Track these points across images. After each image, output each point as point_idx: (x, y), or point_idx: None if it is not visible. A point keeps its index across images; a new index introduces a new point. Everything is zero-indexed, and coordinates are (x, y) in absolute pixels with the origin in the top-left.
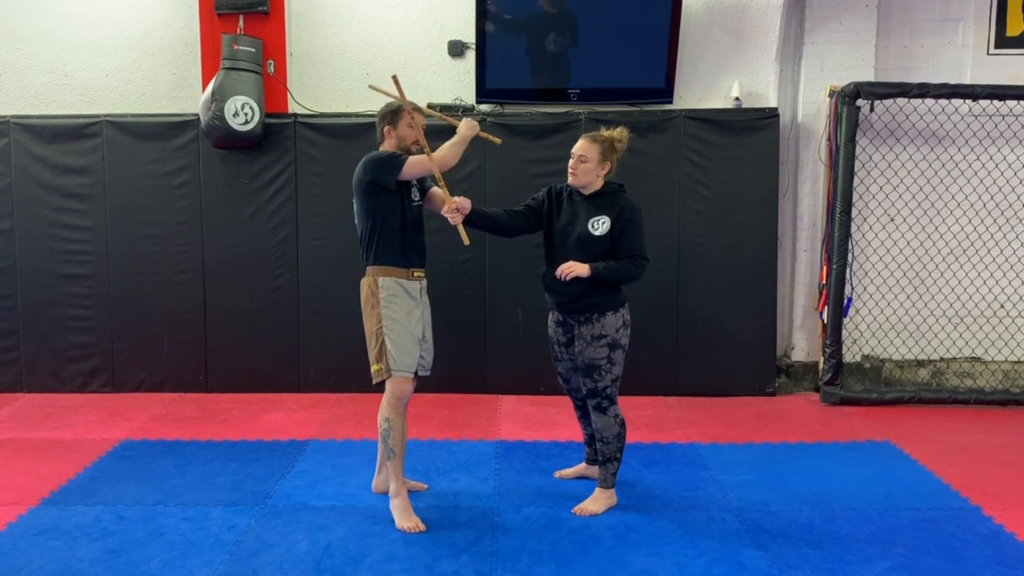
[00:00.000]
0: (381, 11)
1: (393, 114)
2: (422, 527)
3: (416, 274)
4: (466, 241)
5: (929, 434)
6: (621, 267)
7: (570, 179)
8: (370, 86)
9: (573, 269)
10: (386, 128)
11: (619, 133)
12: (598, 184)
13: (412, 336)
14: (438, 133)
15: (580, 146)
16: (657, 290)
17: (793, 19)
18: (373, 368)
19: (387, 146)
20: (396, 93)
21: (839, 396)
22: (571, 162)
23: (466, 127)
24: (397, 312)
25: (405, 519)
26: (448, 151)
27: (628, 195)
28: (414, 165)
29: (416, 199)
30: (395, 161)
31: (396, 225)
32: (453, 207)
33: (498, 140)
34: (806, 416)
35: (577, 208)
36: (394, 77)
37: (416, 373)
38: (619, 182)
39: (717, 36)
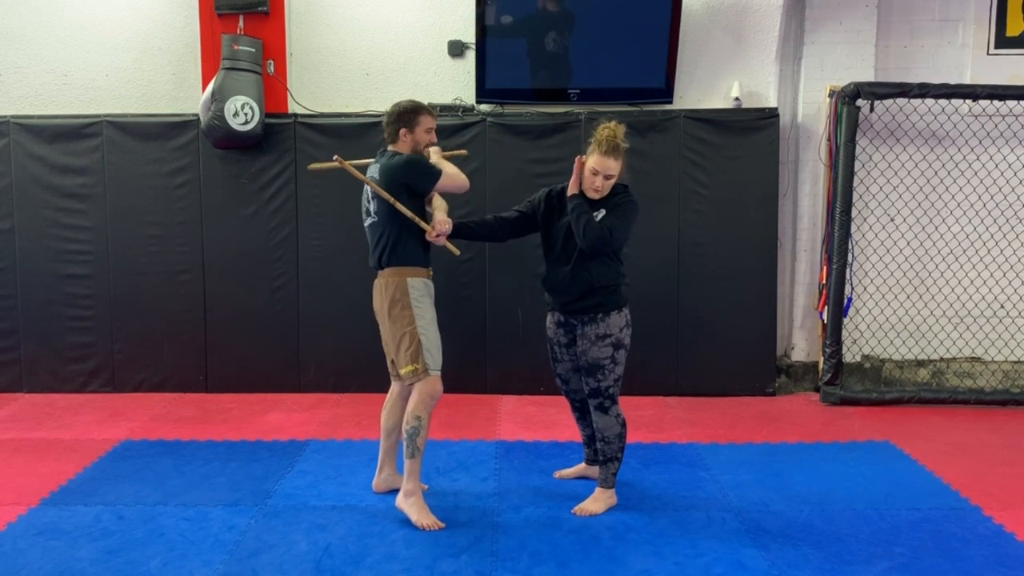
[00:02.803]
0: (381, 11)
1: (410, 115)
2: (441, 524)
3: (431, 274)
4: (456, 252)
5: (929, 434)
6: (590, 217)
7: (592, 195)
8: (310, 167)
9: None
10: (402, 130)
11: (619, 131)
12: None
13: (438, 335)
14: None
15: (606, 165)
16: (657, 290)
17: (793, 19)
18: (407, 369)
19: (401, 148)
20: (339, 168)
21: (839, 396)
22: (596, 181)
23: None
24: (428, 311)
25: (424, 516)
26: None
27: (631, 195)
28: (449, 179)
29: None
30: (434, 171)
31: (420, 227)
32: (434, 235)
33: (464, 152)
34: (806, 416)
35: None
36: (337, 158)
37: None
38: (624, 183)
39: (717, 36)
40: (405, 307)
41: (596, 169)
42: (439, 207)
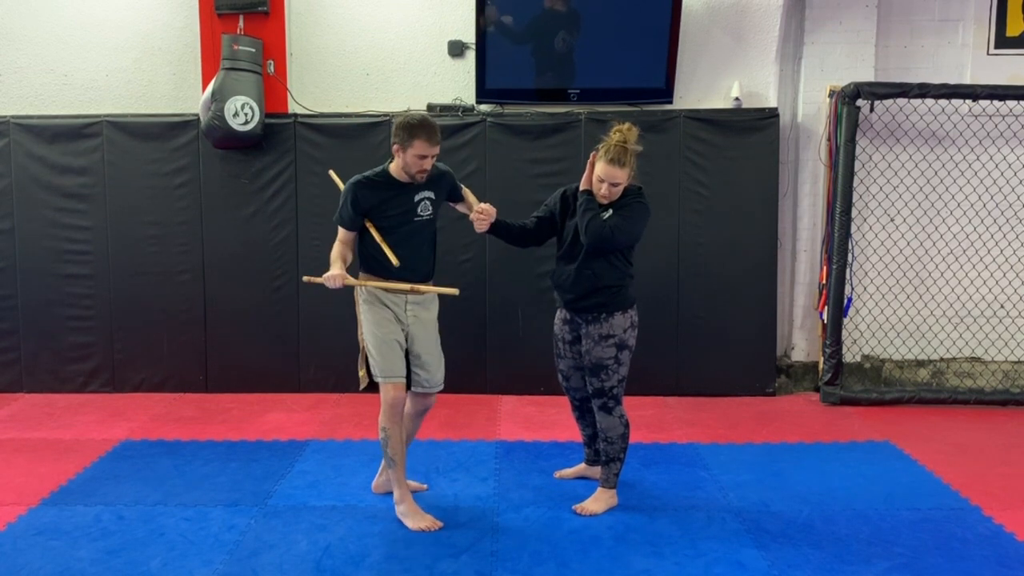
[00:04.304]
0: (381, 11)
1: (406, 134)
2: (438, 524)
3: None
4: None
5: (929, 434)
6: (596, 214)
7: (600, 200)
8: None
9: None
10: (395, 145)
11: (630, 135)
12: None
13: (392, 343)
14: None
15: (612, 174)
16: (657, 290)
17: (793, 19)
18: (359, 373)
19: (396, 161)
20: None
21: (839, 396)
22: (602, 188)
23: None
24: (373, 318)
25: (418, 521)
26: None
27: (644, 197)
28: (337, 244)
29: (425, 214)
30: (343, 217)
31: (372, 242)
32: (480, 212)
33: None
34: (806, 416)
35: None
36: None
37: (409, 385)
38: (637, 184)
39: (717, 36)
40: (357, 312)
41: (602, 177)
42: (472, 201)
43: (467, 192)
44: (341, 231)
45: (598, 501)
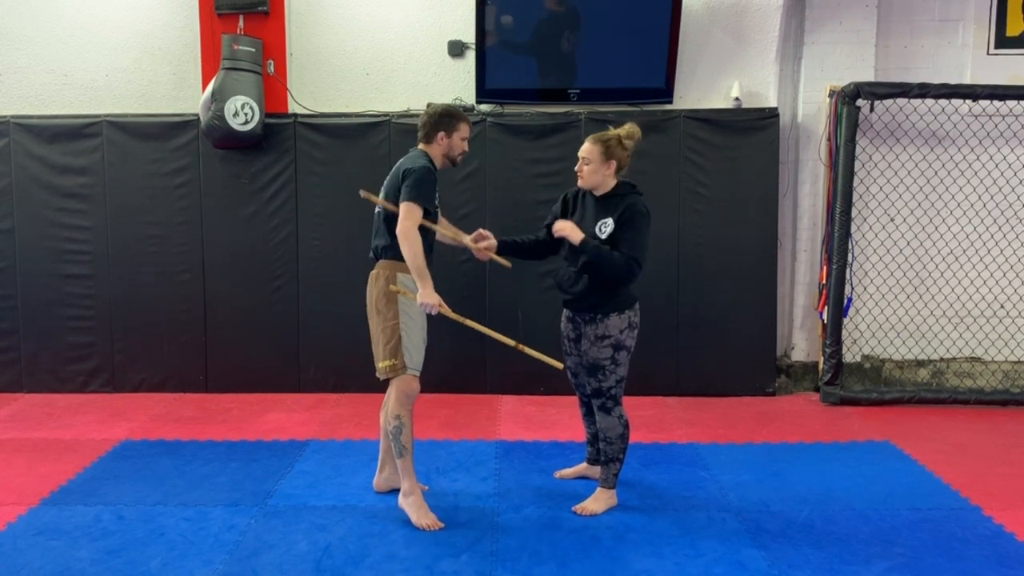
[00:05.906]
0: (381, 11)
1: (452, 119)
2: (440, 524)
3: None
4: (507, 264)
5: (929, 434)
6: (610, 256)
7: (579, 182)
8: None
9: (565, 230)
10: (440, 133)
11: (625, 130)
12: (609, 184)
13: (423, 335)
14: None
15: (583, 148)
16: (657, 290)
17: (793, 19)
18: (384, 364)
19: (434, 150)
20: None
21: (839, 396)
22: (578, 165)
23: (424, 296)
24: (413, 309)
25: (422, 516)
26: (417, 263)
27: (640, 198)
28: (417, 237)
29: (436, 204)
30: (426, 195)
31: (425, 230)
32: (482, 245)
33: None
34: (806, 416)
35: (588, 209)
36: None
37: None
38: (632, 182)
39: (717, 36)
40: (392, 301)
41: (580, 154)
42: (445, 226)
43: None
44: (417, 214)
45: (598, 501)
